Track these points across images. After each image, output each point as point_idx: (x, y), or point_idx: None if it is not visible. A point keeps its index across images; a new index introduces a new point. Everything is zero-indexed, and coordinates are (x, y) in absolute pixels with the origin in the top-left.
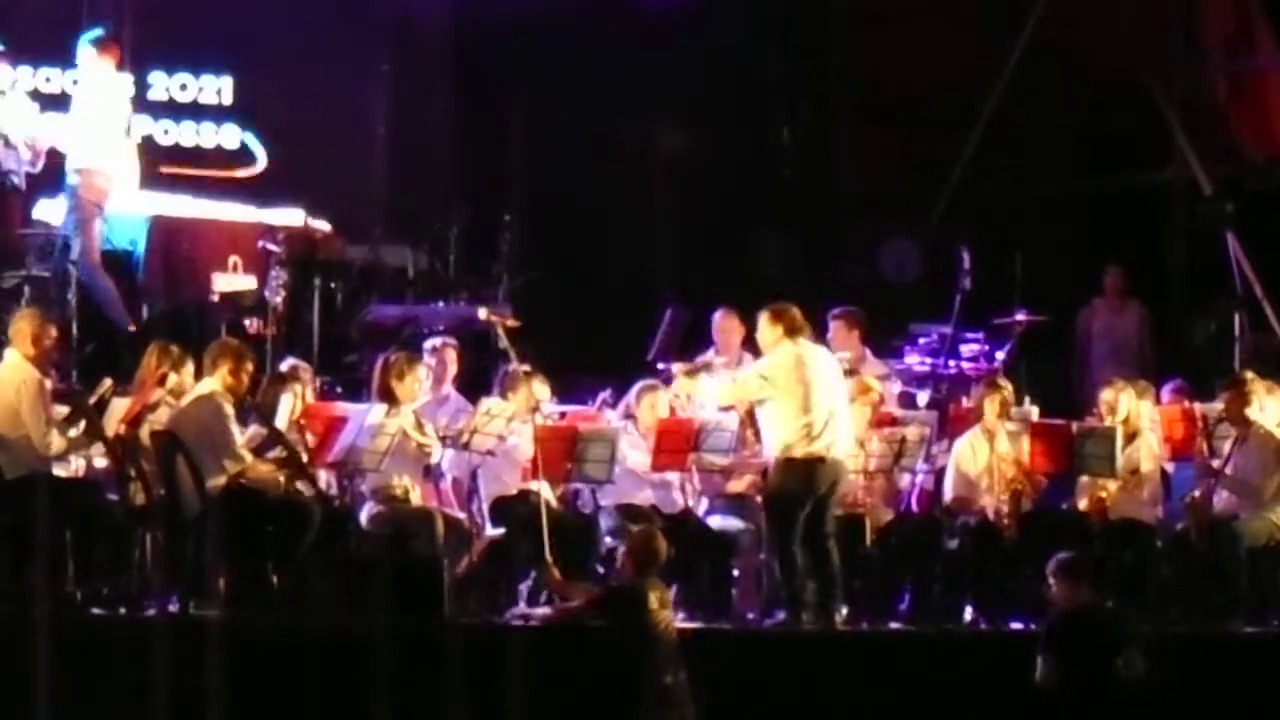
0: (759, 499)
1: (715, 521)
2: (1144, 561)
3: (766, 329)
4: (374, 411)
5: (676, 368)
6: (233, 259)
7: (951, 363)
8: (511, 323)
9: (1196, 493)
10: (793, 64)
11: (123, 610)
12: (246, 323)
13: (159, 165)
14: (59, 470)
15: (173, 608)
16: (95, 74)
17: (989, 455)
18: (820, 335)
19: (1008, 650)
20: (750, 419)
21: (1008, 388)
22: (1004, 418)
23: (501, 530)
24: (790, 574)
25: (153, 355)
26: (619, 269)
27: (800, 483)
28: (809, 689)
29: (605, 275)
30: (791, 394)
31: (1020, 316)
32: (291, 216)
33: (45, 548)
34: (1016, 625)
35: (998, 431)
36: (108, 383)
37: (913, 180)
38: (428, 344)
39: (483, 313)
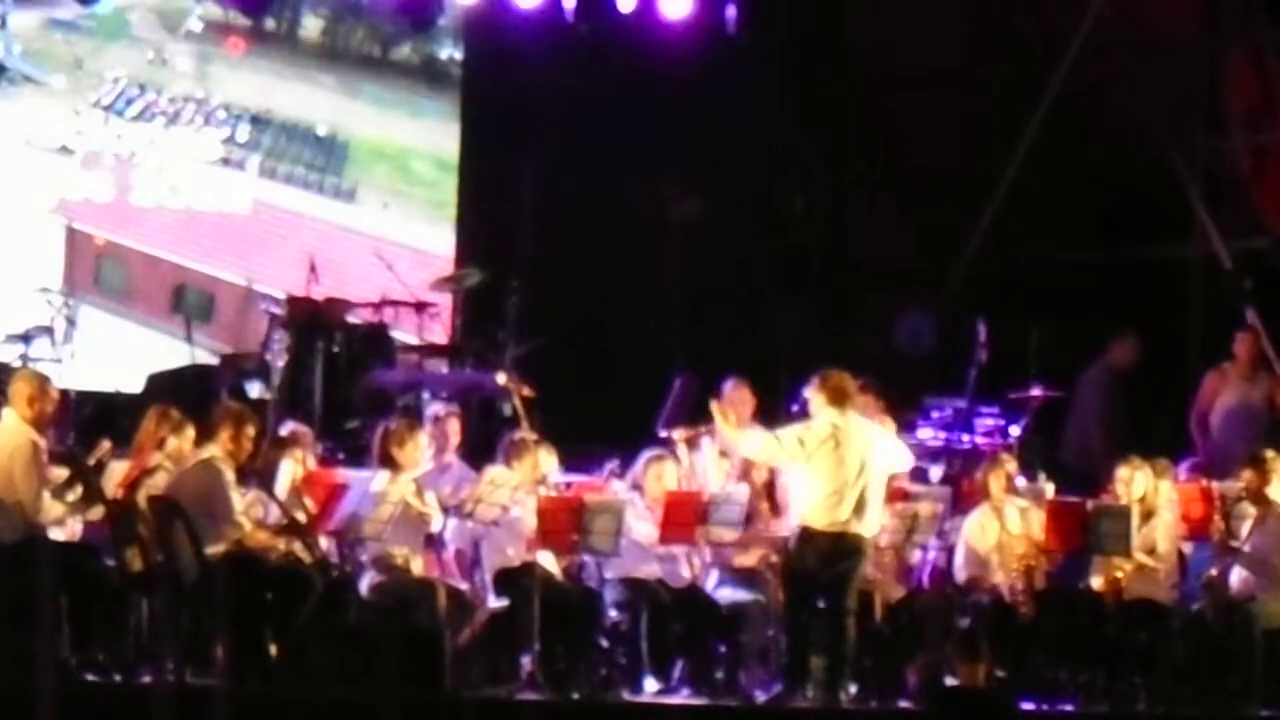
0: (768, 574)
1: (724, 594)
2: (1159, 642)
3: (812, 394)
4: (377, 479)
5: (677, 434)
6: None
7: (965, 437)
8: (528, 391)
9: (1213, 572)
10: (808, 131)
11: (118, 677)
12: (248, 387)
13: None
14: (56, 534)
15: (169, 676)
16: None
17: (999, 532)
18: None
19: None
20: (766, 491)
21: (1011, 462)
22: (1010, 492)
23: (504, 602)
24: (795, 646)
25: (151, 419)
26: (628, 337)
27: (818, 555)
28: None
29: (614, 343)
30: (820, 464)
31: (1036, 391)
32: None
33: (42, 612)
34: (1028, 705)
35: (1005, 507)
36: (106, 445)
37: (929, 251)
38: (429, 412)
39: (501, 378)
